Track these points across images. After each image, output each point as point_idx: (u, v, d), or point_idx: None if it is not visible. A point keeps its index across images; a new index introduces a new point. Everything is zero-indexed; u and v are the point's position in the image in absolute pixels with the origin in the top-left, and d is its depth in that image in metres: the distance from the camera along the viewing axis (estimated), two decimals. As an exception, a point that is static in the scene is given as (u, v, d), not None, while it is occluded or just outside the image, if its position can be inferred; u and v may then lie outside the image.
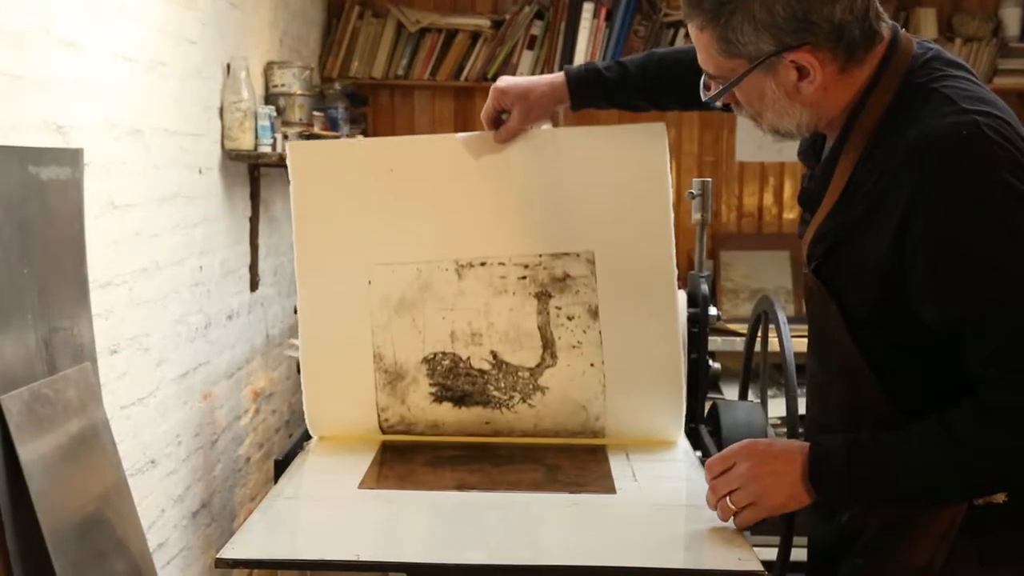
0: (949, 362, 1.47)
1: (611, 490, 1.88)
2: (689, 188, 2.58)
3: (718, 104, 1.62)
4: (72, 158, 1.97)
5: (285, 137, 3.16)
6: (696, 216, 2.57)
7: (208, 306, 2.88)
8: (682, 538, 1.81)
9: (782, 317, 2.29)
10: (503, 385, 2.10)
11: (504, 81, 2.02)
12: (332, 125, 3.70)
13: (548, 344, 2.10)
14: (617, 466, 2.01)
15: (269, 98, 3.31)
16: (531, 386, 2.11)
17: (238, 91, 2.94)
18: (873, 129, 1.50)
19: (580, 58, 4.17)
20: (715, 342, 3.66)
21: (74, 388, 1.88)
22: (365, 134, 4.18)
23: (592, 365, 2.10)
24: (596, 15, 4.18)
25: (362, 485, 1.89)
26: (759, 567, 1.55)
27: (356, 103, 4.15)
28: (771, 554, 2.16)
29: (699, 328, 2.38)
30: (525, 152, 2.07)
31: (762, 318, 2.51)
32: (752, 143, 4.44)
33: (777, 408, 2.67)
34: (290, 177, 2.10)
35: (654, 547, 1.74)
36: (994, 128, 1.40)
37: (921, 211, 1.40)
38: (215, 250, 2.94)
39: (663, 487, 1.96)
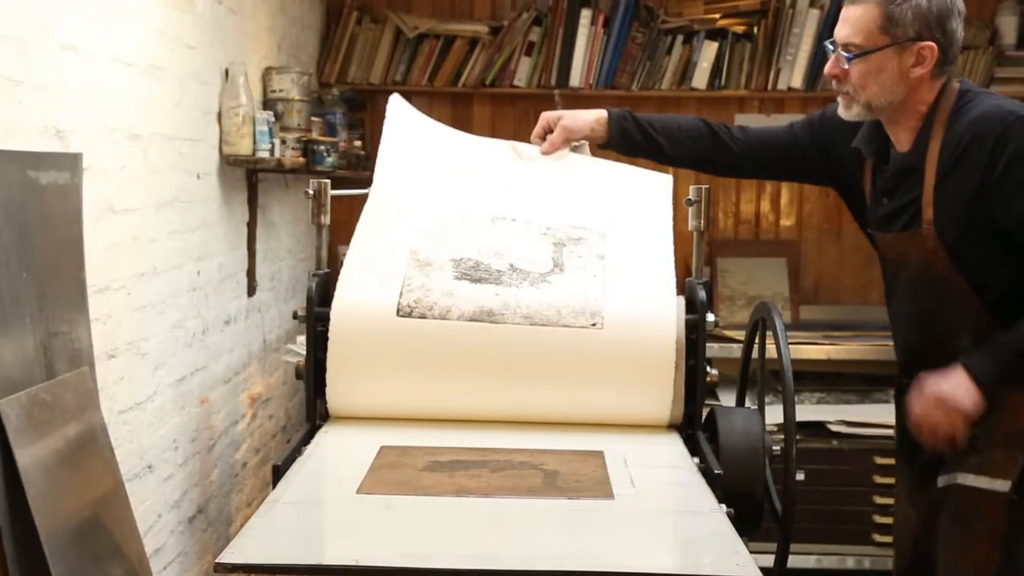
0: None
1: (609, 495, 1.88)
2: (687, 195, 2.59)
3: (845, 66, 2.18)
4: (71, 162, 1.98)
5: (283, 142, 3.16)
6: (693, 223, 2.57)
7: (206, 311, 2.88)
8: (680, 544, 1.81)
9: (780, 323, 2.29)
10: (515, 279, 2.46)
11: (551, 112, 2.70)
12: (330, 130, 3.70)
13: (558, 264, 2.51)
14: (615, 472, 2.01)
15: (267, 103, 3.31)
16: (540, 280, 2.46)
17: (236, 96, 2.94)
18: (946, 120, 2.14)
19: (577, 65, 4.17)
20: (712, 349, 3.66)
21: (72, 393, 1.88)
22: (363, 140, 4.17)
23: (594, 276, 2.47)
24: (594, 22, 4.18)
25: (360, 490, 1.90)
26: (757, 573, 1.55)
27: (354, 108, 4.14)
28: (768, 561, 2.16)
29: (696, 335, 2.38)
30: (560, 162, 2.67)
31: (760, 324, 2.51)
32: (749, 150, 4.43)
33: (774, 415, 2.67)
34: (386, 117, 2.73)
35: (652, 553, 1.75)
36: None
37: (1006, 151, 2.04)
38: (213, 255, 2.94)
39: (661, 493, 1.96)
